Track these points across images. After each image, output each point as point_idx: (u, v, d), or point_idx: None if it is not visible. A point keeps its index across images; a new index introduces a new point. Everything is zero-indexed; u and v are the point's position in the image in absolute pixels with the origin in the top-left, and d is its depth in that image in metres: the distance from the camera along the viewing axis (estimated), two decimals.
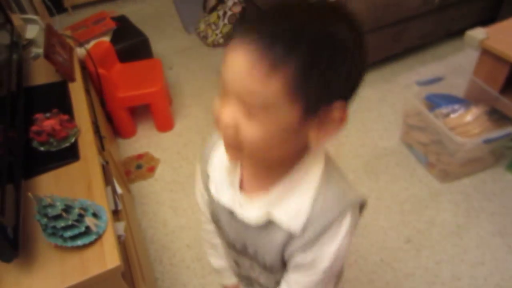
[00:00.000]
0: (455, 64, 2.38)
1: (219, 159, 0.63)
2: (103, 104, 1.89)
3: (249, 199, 0.59)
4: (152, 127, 2.17)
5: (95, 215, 0.90)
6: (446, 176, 1.74)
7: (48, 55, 1.36)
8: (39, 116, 1.12)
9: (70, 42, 1.71)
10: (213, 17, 2.87)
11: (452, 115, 1.68)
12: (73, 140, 1.15)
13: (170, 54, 2.80)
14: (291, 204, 0.56)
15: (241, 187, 0.61)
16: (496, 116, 1.69)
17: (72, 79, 1.45)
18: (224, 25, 2.83)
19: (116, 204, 1.19)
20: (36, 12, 1.92)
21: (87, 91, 1.74)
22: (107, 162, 1.39)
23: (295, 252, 0.58)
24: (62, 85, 1.41)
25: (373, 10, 2.08)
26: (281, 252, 0.60)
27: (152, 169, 1.92)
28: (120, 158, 1.95)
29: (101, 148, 1.47)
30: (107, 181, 1.27)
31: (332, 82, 0.47)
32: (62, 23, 2.96)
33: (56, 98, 1.34)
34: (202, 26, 2.94)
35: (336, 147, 1.98)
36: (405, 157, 1.91)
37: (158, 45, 2.87)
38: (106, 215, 0.95)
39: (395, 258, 1.53)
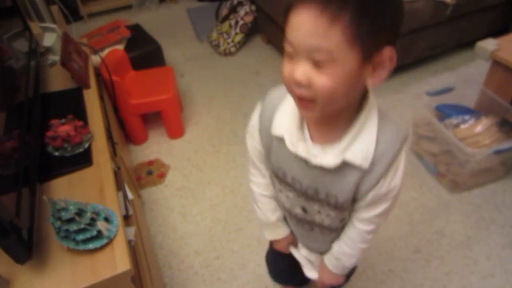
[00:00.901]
0: (466, 75, 2.37)
1: (285, 119, 0.72)
2: (116, 110, 1.93)
3: (322, 149, 0.69)
4: (163, 134, 2.20)
5: (106, 219, 0.92)
6: (456, 186, 1.73)
7: (64, 63, 1.40)
8: (54, 121, 1.15)
9: (86, 49, 1.75)
10: (225, 26, 2.91)
11: (462, 126, 1.67)
12: (86, 145, 1.18)
13: (182, 62, 2.85)
14: (360, 146, 0.66)
15: (311, 139, 0.70)
16: (507, 127, 1.68)
17: (87, 86, 1.49)
18: (236, 34, 2.86)
19: (127, 209, 1.22)
20: (53, 20, 1.97)
21: (101, 98, 1.77)
22: (119, 168, 1.41)
23: (370, 189, 0.70)
24: (77, 92, 1.45)
25: None
26: (353, 190, 0.71)
27: (162, 175, 1.95)
28: (131, 164, 1.98)
29: (114, 154, 1.50)
30: (119, 186, 1.30)
31: (380, 30, 0.56)
32: (78, 31, 3.04)
33: (71, 104, 1.38)
34: (214, 35, 2.98)
35: None
36: (415, 167, 1.91)
37: (170, 53, 2.92)
38: (118, 219, 0.97)
39: (404, 268, 1.53)
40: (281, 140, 0.72)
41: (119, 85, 1.89)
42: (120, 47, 2.21)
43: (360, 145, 0.66)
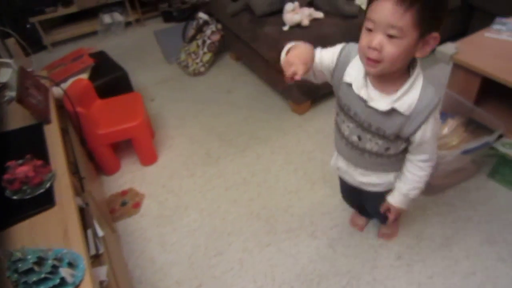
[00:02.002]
0: (431, 77, 2.39)
1: (355, 70, 0.99)
2: (83, 142, 1.88)
3: (379, 95, 0.96)
4: (136, 162, 2.16)
5: (71, 264, 0.88)
6: (430, 189, 1.74)
7: (21, 99, 1.36)
8: (11, 163, 1.10)
9: (46, 82, 1.71)
10: (193, 46, 2.90)
11: None
12: (48, 185, 1.13)
13: (152, 86, 2.82)
14: (407, 99, 0.93)
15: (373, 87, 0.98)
16: (473, 126, 1.71)
17: (48, 121, 1.44)
18: (204, 53, 2.86)
19: (97, 248, 1.17)
20: (10, 54, 1.92)
21: (65, 131, 1.73)
22: (87, 204, 1.37)
23: (415, 131, 0.98)
24: (38, 128, 1.41)
25: (344, 32, 2.13)
26: (398, 128, 0.99)
27: (137, 205, 1.90)
28: (104, 196, 1.93)
29: (81, 189, 1.46)
30: (87, 224, 1.26)
31: (435, 20, 0.83)
32: (41, 61, 2.98)
33: (31, 142, 1.33)
34: (183, 56, 2.96)
35: (320, 167, 1.98)
36: None
37: (139, 77, 2.89)
38: (84, 263, 0.93)
39: (387, 276, 1.52)
40: (349, 85, 1.00)
41: (85, 116, 1.85)
42: (85, 76, 2.17)
43: (407, 98, 0.93)
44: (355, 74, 0.99)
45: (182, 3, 3.78)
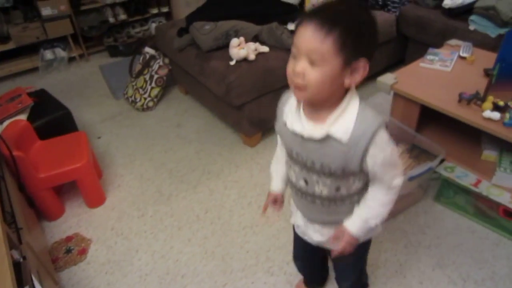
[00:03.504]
0: (375, 105, 2.51)
1: (290, 107, 0.96)
2: (21, 188, 1.75)
3: (313, 126, 0.90)
4: (81, 204, 2.04)
5: None
6: None
7: None
8: None
9: None
10: (140, 81, 2.85)
11: None
12: None
13: (98, 123, 2.72)
14: (342, 124, 0.87)
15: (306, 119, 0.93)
16: (416, 151, 1.79)
17: None
18: (152, 88, 2.82)
19: None
20: None
21: (1, 178, 1.61)
22: (24, 258, 1.26)
23: (361, 158, 0.88)
24: None
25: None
26: (343, 160, 0.89)
27: (83, 252, 1.78)
28: (45, 245, 1.80)
29: (18, 241, 1.34)
30: (25, 280, 1.15)
31: (359, 45, 0.80)
32: None
33: None
34: (130, 91, 2.90)
35: None
36: None
37: (85, 115, 2.79)
38: None
39: None
40: (286, 124, 0.96)
41: (23, 159, 1.73)
42: (23, 117, 2.05)
43: (342, 122, 0.87)
44: (287, 110, 0.97)
45: (128, 38, 3.74)
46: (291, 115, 0.95)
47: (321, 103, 0.88)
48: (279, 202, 1.19)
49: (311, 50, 0.79)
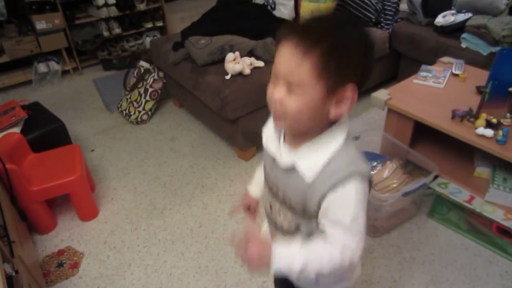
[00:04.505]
0: (369, 120, 2.54)
1: (270, 128, 0.86)
2: (14, 201, 1.73)
3: (288, 151, 0.79)
4: (74, 217, 2.02)
5: None
6: (376, 231, 1.79)
7: None
8: None
9: None
10: (134, 95, 2.86)
11: (372, 172, 1.76)
12: None
13: (92, 136, 2.71)
14: (311, 159, 0.74)
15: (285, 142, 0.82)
16: (410, 167, 1.80)
17: None
18: (147, 101, 2.82)
19: None
20: None
21: None
22: (16, 271, 1.24)
23: (318, 202, 0.73)
24: None
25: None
26: (302, 199, 0.77)
27: (75, 266, 1.76)
28: (37, 258, 1.77)
29: (10, 255, 1.32)
30: None
31: (346, 69, 0.67)
32: None
33: None
34: (124, 104, 2.90)
35: None
36: None
37: (78, 128, 2.78)
38: None
39: None
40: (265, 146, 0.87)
41: (16, 172, 1.72)
42: (17, 130, 2.04)
43: (312, 159, 0.74)
44: (268, 131, 0.87)
45: (122, 51, 3.75)
46: (270, 134, 0.86)
47: (300, 134, 0.77)
48: (252, 211, 1.05)
49: (288, 75, 0.68)
